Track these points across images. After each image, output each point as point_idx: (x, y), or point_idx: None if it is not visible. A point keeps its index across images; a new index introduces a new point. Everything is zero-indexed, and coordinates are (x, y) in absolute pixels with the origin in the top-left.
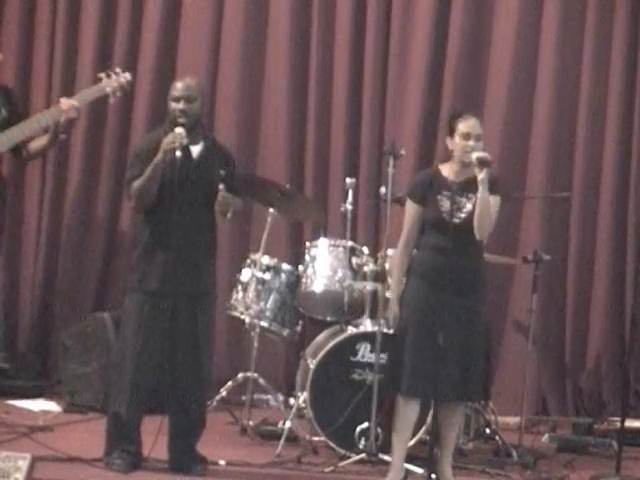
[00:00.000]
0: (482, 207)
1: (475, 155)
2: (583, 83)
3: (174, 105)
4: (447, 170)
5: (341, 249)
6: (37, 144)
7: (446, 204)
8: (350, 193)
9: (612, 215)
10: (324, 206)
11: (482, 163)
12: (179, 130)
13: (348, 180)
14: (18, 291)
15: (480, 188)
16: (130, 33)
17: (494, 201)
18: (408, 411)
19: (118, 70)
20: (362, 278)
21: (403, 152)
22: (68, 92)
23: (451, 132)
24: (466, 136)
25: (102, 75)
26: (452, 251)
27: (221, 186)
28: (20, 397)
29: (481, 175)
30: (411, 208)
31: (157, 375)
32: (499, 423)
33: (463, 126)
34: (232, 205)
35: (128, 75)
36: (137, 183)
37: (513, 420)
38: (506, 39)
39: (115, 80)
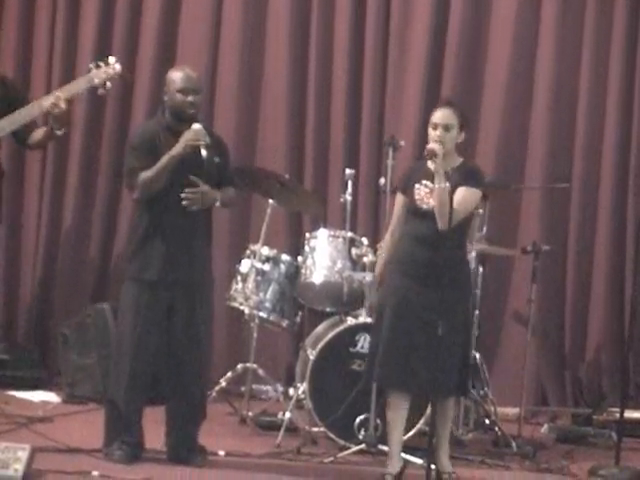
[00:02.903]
0: (437, 196)
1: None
2: (583, 73)
3: (180, 97)
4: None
5: (340, 240)
6: (36, 136)
7: (421, 192)
8: (350, 184)
9: (611, 206)
10: (324, 197)
11: (429, 154)
12: (198, 127)
13: (348, 171)
14: (18, 282)
15: (435, 178)
16: (130, 24)
17: (467, 193)
18: (397, 403)
19: (109, 60)
20: (362, 269)
21: (402, 143)
22: (68, 83)
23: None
24: (434, 126)
25: (91, 66)
26: (428, 241)
27: (192, 178)
28: (19, 388)
29: (432, 166)
30: (397, 198)
31: (156, 365)
32: (498, 414)
33: (433, 117)
34: (205, 202)
35: (118, 66)
36: (147, 174)
37: (512, 411)
38: (505, 30)
39: (104, 71)
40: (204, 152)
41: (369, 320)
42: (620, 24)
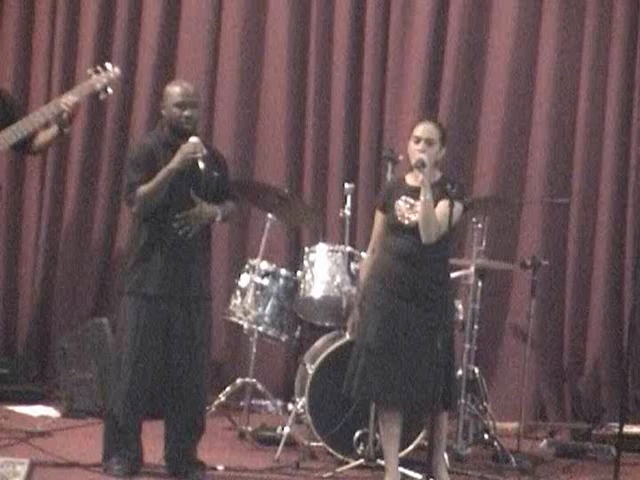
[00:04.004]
0: (422, 209)
1: (415, 157)
2: (582, 88)
3: (178, 111)
4: (411, 177)
5: (340, 254)
6: (42, 139)
7: (402, 208)
8: (349, 198)
9: (610, 221)
10: (322, 211)
11: (417, 165)
12: (196, 140)
13: (347, 185)
14: (17, 295)
15: (421, 190)
16: (130, 31)
17: (449, 206)
18: (388, 419)
19: (107, 65)
20: None
21: (401, 157)
22: (68, 90)
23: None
24: (416, 140)
25: (90, 71)
26: (409, 256)
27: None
28: (18, 402)
29: (419, 177)
30: (376, 215)
31: (154, 380)
32: (497, 428)
33: (415, 130)
34: (198, 221)
35: (117, 70)
36: (145, 188)
37: (511, 425)
38: (504, 45)
39: (104, 76)
40: (202, 165)
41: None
42: (619, 36)
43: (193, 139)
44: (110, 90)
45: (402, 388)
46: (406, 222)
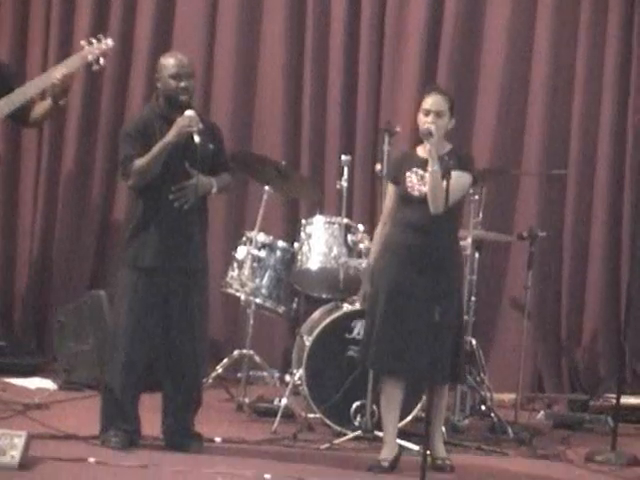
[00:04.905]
0: (430, 180)
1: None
2: (579, 59)
3: (173, 83)
4: (421, 149)
5: (337, 226)
6: (37, 111)
7: (413, 179)
8: (346, 170)
9: (608, 192)
10: (320, 183)
11: (424, 134)
12: (191, 113)
13: (344, 157)
14: (14, 268)
15: (429, 161)
16: (126, 2)
17: (459, 177)
18: (391, 389)
19: (100, 36)
20: (358, 255)
21: (398, 129)
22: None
23: (418, 109)
24: (426, 112)
25: (84, 43)
26: (420, 227)
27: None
28: (16, 375)
29: (427, 148)
30: (388, 188)
31: (152, 352)
32: (495, 400)
33: (424, 103)
34: (194, 193)
35: (110, 41)
36: (140, 161)
37: (509, 397)
38: (502, 16)
39: (97, 47)
40: (197, 138)
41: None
42: (616, 12)
43: (189, 112)
44: (103, 61)
45: (411, 358)
46: (416, 193)
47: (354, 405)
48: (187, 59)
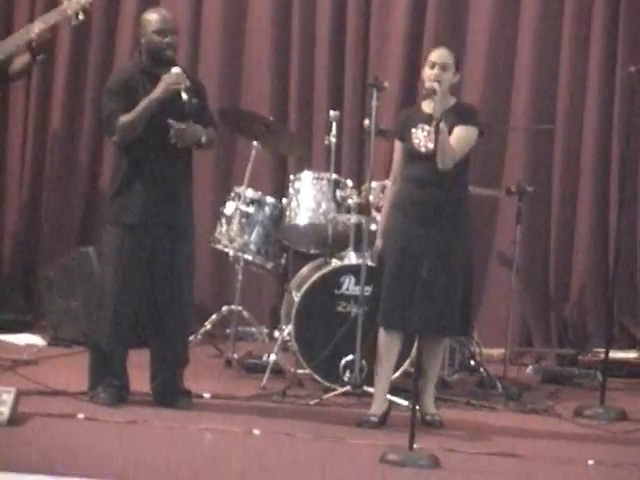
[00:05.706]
0: (437, 137)
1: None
2: (566, 14)
3: (158, 38)
4: (427, 104)
5: (325, 182)
6: (17, 64)
7: (419, 135)
8: (334, 126)
9: (595, 145)
10: (308, 139)
11: (428, 92)
12: (178, 70)
13: (332, 113)
14: (2, 225)
15: (433, 118)
16: None
17: (465, 131)
18: (389, 343)
19: None
20: (346, 211)
21: (386, 84)
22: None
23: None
24: (432, 65)
25: None
26: (428, 183)
27: (170, 121)
28: (4, 331)
29: (430, 105)
30: (395, 145)
31: (139, 309)
32: (483, 355)
33: (430, 55)
34: (191, 137)
35: None
36: (126, 117)
37: (497, 352)
38: None
39: (76, 2)
40: (184, 95)
41: (354, 262)
42: None
43: (175, 69)
44: (82, 16)
45: (425, 314)
46: (423, 149)
47: (343, 361)
48: (170, 15)
